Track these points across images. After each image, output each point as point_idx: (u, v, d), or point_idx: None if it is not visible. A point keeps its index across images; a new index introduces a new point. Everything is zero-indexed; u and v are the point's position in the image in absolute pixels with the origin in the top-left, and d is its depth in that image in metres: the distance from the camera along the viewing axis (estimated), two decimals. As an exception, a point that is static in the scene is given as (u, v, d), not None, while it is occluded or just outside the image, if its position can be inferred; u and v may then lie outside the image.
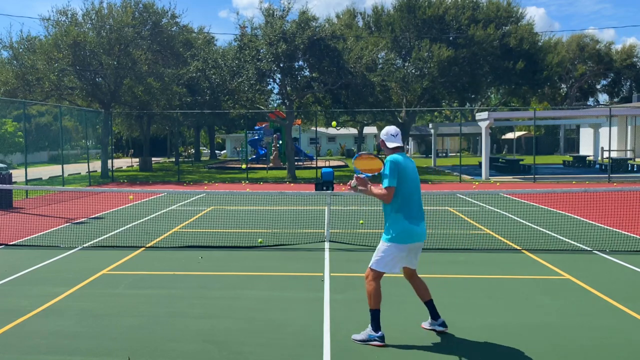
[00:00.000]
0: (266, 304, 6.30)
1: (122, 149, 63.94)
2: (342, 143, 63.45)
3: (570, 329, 5.42)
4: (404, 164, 5.06)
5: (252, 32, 26.98)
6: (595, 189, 10.35)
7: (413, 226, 5.02)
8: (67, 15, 28.11)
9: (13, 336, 5.36)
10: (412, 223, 5.02)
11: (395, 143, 5.18)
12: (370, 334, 5.07)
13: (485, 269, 7.94)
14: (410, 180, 5.07)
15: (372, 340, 5.05)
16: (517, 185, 22.99)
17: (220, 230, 11.29)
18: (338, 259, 8.59)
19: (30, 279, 7.56)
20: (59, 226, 12.05)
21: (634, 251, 8.98)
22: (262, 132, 38.81)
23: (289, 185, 23.69)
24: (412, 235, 5.02)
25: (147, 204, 16.03)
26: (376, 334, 5.05)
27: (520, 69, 31.45)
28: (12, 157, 38.98)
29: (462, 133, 30.70)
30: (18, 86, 26.91)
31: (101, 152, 29.85)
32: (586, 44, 51.93)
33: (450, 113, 63.63)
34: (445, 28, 31.80)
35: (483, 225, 11.73)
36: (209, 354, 4.90)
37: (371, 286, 5.09)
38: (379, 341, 5.03)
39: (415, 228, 5.04)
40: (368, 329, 5.11)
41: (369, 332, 5.09)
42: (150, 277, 7.58)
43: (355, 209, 14.51)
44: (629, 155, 36.92)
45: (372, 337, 5.05)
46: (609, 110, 27.17)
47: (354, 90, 27.61)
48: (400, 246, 5.02)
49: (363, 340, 5.08)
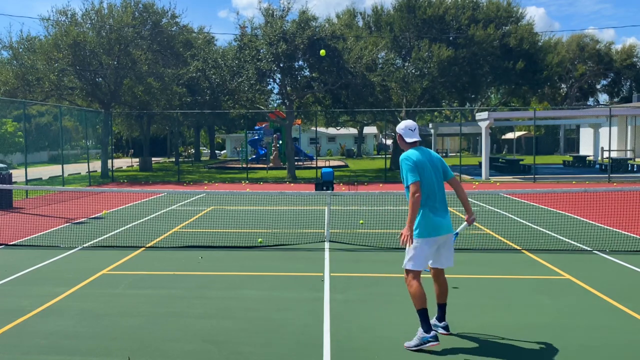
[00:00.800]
0: (266, 304, 6.30)
1: (122, 149, 63.94)
2: (342, 143, 63.44)
3: (570, 329, 5.42)
4: (419, 158, 4.96)
5: (252, 32, 26.99)
6: (595, 189, 10.35)
7: (439, 218, 4.95)
8: (67, 15, 28.12)
9: (13, 336, 5.36)
10: (437, 215, 4.95)
11: (414, 138, 5.08)
12: (423, 336, 4.82)
13: (485, 269, 7.94)
14: (429, 174, 4.96)
15: (426, 342, 4.80)
16: (517, 185, 22.99)
17: (220, 230, 11.29)
18: (338, 259, 8.58)
19: (30, 279, 7.56)
20: (59, 226, 12.05)
21: (634, 251, 8.98)
22: (262, 132, 38.83)
23: (289, 185, 23.69)
24: (439, 228, 4.95)
25: (147, 204, 16.03)
26: (429, 334, 4.80)
27: (520, 69, 31.42)
28: (12, 157, 38.98)
29: (462, 133, 30.69)
30: (18, 86, 26.91)
31: (101, 152, 29.86)
32: (586, 44, 51.93)
33: (450, 113, 63.63)
34: (445, 28, 31.77)
35: (483, 225, 11.73)
36: (209, 354, 4.89)
37: (412, 287, 4.92)
38: (433, 341, 4.78)
39: (441, 220, 4.97)
40: (419, 333, 4.87)
41: (420, 335, 4.85)
42: (150, 277, 7.58)
43: (355, 209, 14.50)
44: (629, 155, 36.91)
45: (426, 339, 4.80)
46: (609, 110, 27.19)
47: (354, 90, 27.61)
48: (429, 240, 4.93)
49: (417, 346, 4.84)
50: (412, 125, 5.12)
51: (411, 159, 4.94)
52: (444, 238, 5.03)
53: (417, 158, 4.95)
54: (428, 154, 5.08)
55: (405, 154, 5.01)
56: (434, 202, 4.96)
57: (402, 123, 5.19)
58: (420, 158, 4.97)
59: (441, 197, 5.03)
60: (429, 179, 4.95)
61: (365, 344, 5.06)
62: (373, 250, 9.28)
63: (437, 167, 5.07)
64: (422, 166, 4.94)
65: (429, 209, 4.94)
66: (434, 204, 4.96)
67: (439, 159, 5.14)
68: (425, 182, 4.93)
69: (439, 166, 5.10)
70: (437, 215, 4.95)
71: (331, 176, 19.47)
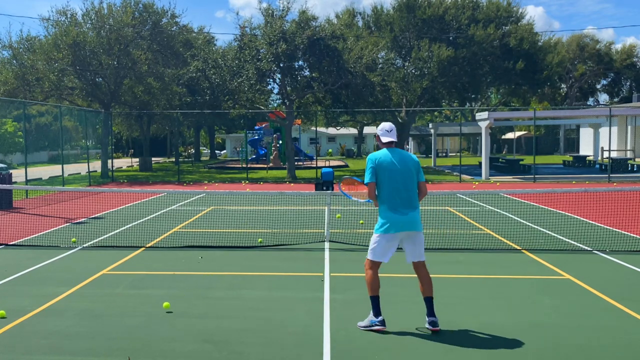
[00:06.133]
0: (266, 304, 6.30)
1: (122, 149, 63.90)
2: (342, 143, 63.43)
3: (570, 329, 5.42)
4: (382, 159, 5.35)
5: (252, 32, 26.98)
6: (595, 189, 10.36)
7: (398, 216, 5.26)
8: (66, 15, 28.10)
9: (13, 336, 5.36)
10: (396, 213, 5.27)
11: (389, 138, 5.45)
12: (372, 319, 5.37)
13: (485, 269, 7.95)
14: (392, 173, 5.30)
15: (373, 325, 5.34)
16: (517, 185, 22.99)
17: (220, 230, 11.29)
18: (338, 259, 8.58)
19: (30, 279, 7.56)
20: (59, 226, 12.05)
21: (634, 251, 8.98)
22: (262, 132, 38.80)
23: (289, 185, 23.69)
24: (397, 224, 5.26)
25: (147, 204, 16.04)
26: (377, 318, 5.34)
27: (520, 69, 31.42)
28: (12, 157, 39.01)
29: (462, 133, 30.69)
30: (18, 86, 26.89)
31: (101, 152, 29.85)
32: (586, 44, 51.95)
33: (450, 113, 63.63)
34: (445, 28, 31.78)
35: (483, 225, 11.73)
36: (209, 354, 4.90)
37: (368, 274, 5.42)
38: (379, 325, 5.32)
39: (401, 217, 5.27)
40: (370, 316, 5.41)
41: (370, 318, 5.40)
42: (150, 277, 7.58)
43: (355, 209, 14.51)
44: (629, 155, 36.90)
45: (374, 322, 5.35)
46: (609, 110, 27.16)
47: (354, 90, 27.60)
48: (386, 236, 5.30)
49: (366, 326, 5.39)
50: (388, 127, 5.49)
51: (373, 159, 5.37)
52: (404, 234, 5.31)
53: (380, 159, 5.35)
54: (399, 155, 5.40)
55: (372, 154, 5.42)
56: (394, 200, 5.29)
57: (381, 125, 5.57)
58: (384, 159, 5.34)
59: (406, 196, 5.32)
60: (392, 178, 5.29)
61: (365, 344, 5.07)
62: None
63: (409, 169, 5.36)
64: (386, 167, 5.31)
65: (388, 206, 5.30)
66: (394, 202, 5.29)
67: (414, 163, 5.43)
68: (387, 181, 5.30)
69: (412, 168, 5.38)
70: (396, 213, 5.27)
71: (331, 176, 19.46)
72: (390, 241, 5.32)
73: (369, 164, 5.39)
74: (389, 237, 5.30)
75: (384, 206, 5.33)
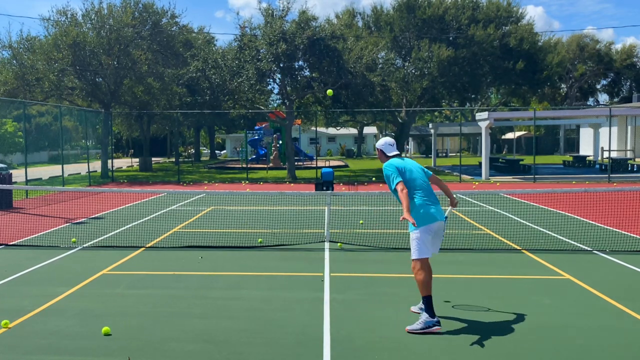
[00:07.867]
0: (266, 304, 6.30)
1: (122, 149, 63.91)
2: (342, 143, 63.43)
3: (570, 329, 5.42)
4: (400, 163, 5.57)
5: (252, 32, 26.97)
6: (595, 189, 10.36)
7: (432, 206, 5.45)
8: (66, 15, 28.10)
9: (13, 336, 5.36)
10: (431, 204, 5.45)
11: (394, 152, 5.75)
12: (428, 320, 5.24)
13: (485, 269, 7.95)
14: (413, 173, 5.55)
15: (431, 326, 5.21)
16: (517, 185, 22.99)
17: (220, 230, 11.29)
18: (338, 259, 8.58)
19: (30, 279, 7.56)
20: (58, 226, 12.05)
21: (634, 251, 8.98)
22: (262, 132, 38.80)
23: (289, 185, 23.69)
24: (432, 215, 5.41)
25: (147, 204, 16.04)
26: (433, 319, 5.24)
27: (520, 69, 31.43)
28: (12, 157, 39.02)
29: (462, 133, 30.69)
30: (18, 86, 26.88)
31: (101, 152, 29.84)
32: (586, 44, 51.92)
33: (450, 113, 63.63)
34: (445, 28, 31.77)
35: (483, 225, 11.73)
36: (209, 354, 4.90)
37: (421, 275, 5.34)
38: (438, 325, 5.21)
39: (435, 207, 5.46)
40: (424, 317, 5.28)
41: (425, 319, 5.26)
42: (150, 277, 7.58)
43: (355, 209, 14.51)
44: (629, 155, 36.91)
45: (431, 323, 5.22)
46: (609, 110, 27.16)
47: (354, 90, 27.58)
48: (426, 228, 5.38)
49: (422, 329, 5.22)
50: (391, 141, 5.80)
51: (393, 165, 5.56)
52: (438, 225, 5.49)
53: (398, 163, 5.57)
54: (408, 160, 5.74)
55: (388, 162, 5.63)
56: (423, 194, 5.48)
57: (382, 140, 5.82)
58: (401, 163, 5.60)
59: (430, 190, 5.61)
60: (416, 175, 5.55)
61: (365, 344, 5.07)
62: (373, 250, 9.28)
63: (418, 170, 5.69)
64: (406, 168, 5.56)
65: (421, 201, 5.45)
66: (423, 196, 5.48)
67: (417, 165, 5.78)
68: (412, 179, 5.51)
69: (419, 169, 5.72)
70: (430, 204, 5.46)
71: (331, 176, 19.47)
72: (430, 233, 5.40)
73: (390, 169, 5.52)
74: (429, 229, 5.38)
75: (418, 201, 5.42)
